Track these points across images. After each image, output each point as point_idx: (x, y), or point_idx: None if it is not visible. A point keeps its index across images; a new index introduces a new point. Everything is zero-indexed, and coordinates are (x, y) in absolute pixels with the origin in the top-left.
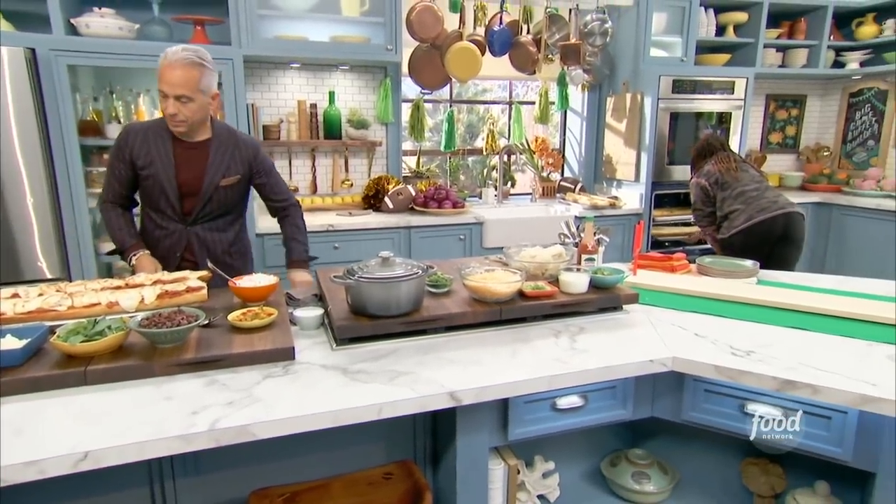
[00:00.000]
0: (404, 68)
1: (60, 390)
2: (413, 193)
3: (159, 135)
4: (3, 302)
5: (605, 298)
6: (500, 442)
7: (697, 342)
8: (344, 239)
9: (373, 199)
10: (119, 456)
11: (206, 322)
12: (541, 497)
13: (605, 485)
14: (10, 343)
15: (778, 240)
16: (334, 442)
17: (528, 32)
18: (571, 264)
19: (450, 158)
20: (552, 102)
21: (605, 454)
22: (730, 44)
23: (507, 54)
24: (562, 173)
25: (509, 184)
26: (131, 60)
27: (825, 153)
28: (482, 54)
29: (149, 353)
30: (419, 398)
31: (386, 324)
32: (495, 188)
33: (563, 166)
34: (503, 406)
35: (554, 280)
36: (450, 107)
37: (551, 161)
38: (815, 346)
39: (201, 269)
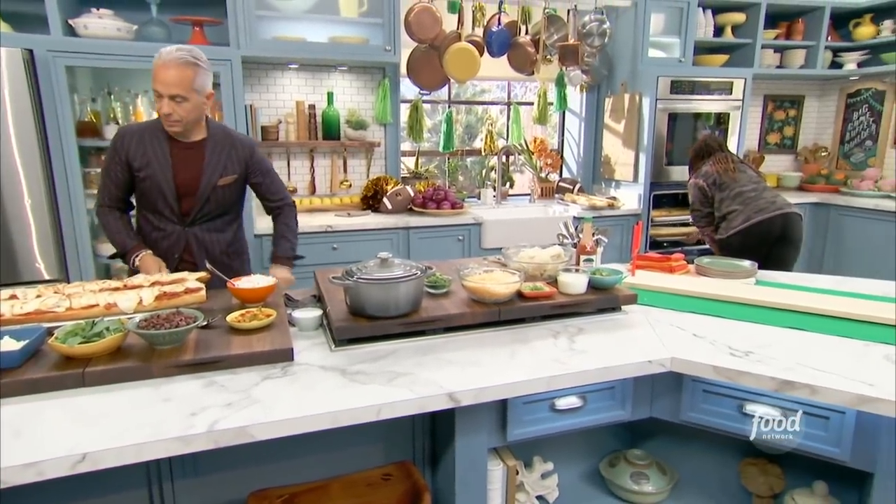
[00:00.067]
0: (403, 69)
1: (59, 392)
2: (412, 194)
3: (155, 136)
4: (1, 303)
5: (603, 299)
6: (498, 443)
7: (696, 343)
8: (342, 240)
9: (371, 200)
10: (117, 457)
11: (205, 323)
12: (540, 498)
13: (603, 485)
14: (9, 345)
15: (776, 240)
16: (333, 443)
17: (526, 33)
18: (570, 265)
19: (448, 159)
20: (550, 103)
21: (604, 455)
22: (728, 44)
23: (506, 55)
24: (560, 174)
25: (508, 184)
26: (129, 61)
27: (823, 154)
28: (480, 55)
29: (147, 355)
30: (418, 399)
31: (385, 325)
32: (494, 189)
33: (561, 167)
34: (502, 407)
35: (553, 281)
36: (448, 107)
37: (550, 162)
38: (813, 347)
39: (200, 269)
